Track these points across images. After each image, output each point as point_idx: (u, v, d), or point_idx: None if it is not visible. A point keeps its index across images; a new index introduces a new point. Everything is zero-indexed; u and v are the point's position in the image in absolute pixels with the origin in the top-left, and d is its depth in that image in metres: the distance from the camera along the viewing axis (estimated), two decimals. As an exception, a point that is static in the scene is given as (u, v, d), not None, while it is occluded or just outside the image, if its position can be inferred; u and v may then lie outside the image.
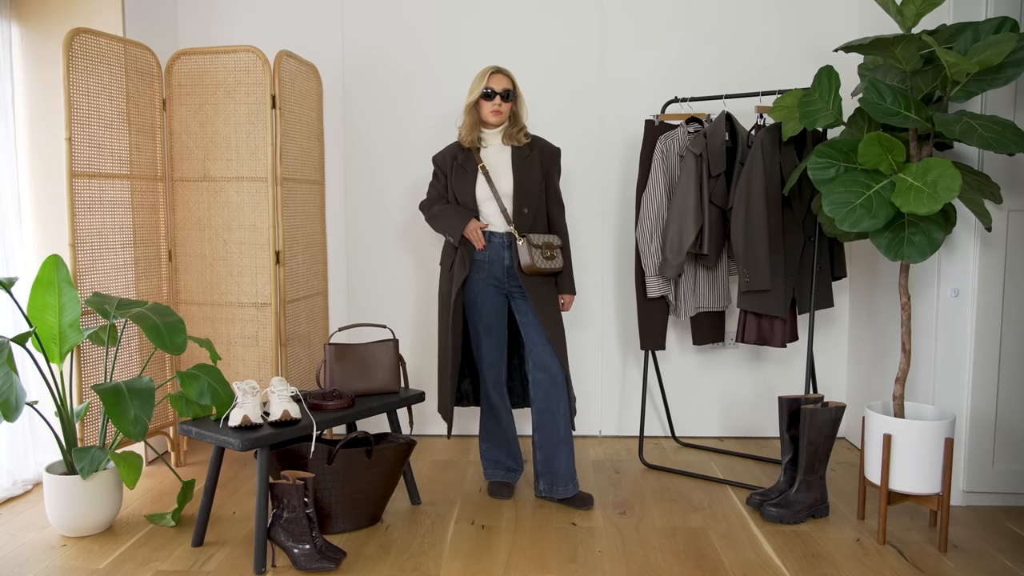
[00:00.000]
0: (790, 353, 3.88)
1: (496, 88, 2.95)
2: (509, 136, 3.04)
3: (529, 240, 2.95)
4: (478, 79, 2.98)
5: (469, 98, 2.99)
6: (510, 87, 2.98)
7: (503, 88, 2.96)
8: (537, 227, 3.03)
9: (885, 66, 2.83)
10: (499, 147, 3.05)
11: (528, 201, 3.00)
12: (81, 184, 3.05)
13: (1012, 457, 3.00)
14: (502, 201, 2.98)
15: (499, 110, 2.98)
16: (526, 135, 3.06)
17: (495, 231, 3.00)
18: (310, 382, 3.66)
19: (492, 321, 3.06)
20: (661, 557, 2.60)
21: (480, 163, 3.01)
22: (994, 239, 2.93)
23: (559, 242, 3.03)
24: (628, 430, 3.96)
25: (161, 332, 2.73)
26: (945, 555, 2.61)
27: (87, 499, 2.74)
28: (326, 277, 3.92)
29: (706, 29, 3.80)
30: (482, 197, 3.00)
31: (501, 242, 3.01)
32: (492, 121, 3.00)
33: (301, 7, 3.88)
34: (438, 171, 3.12)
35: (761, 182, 3.09)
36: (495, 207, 2.99)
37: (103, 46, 3.14)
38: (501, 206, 2.98)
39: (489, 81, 2.96)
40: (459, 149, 3.07)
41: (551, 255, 2.98)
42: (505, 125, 3.03)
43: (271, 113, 3.34)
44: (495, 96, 2.96)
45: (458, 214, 3.00)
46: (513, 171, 3.00)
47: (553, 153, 3.10)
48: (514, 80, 3.00)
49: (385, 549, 2.67)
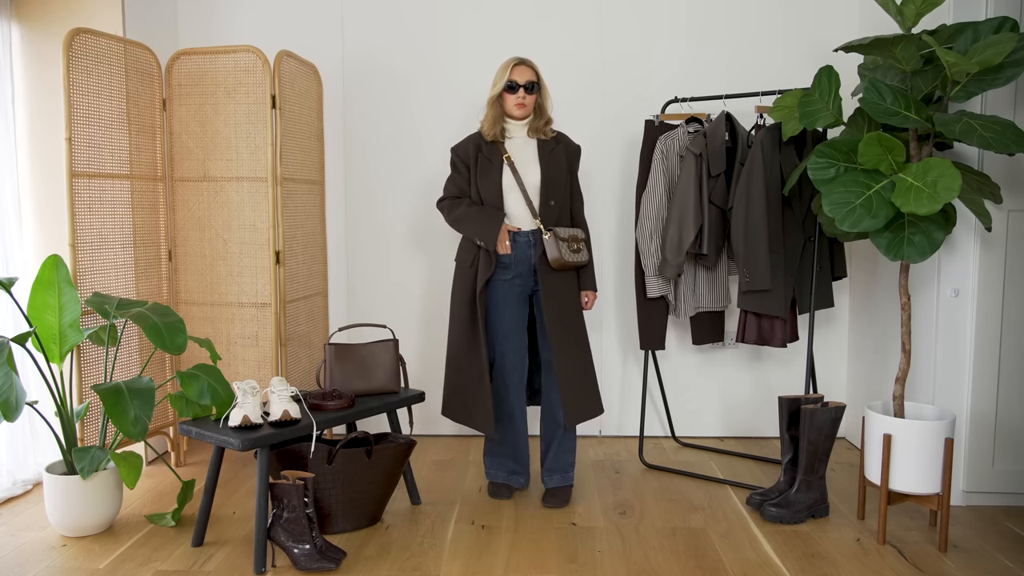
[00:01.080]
0: (790, 353, 3.88)
1: (519, 81, 2.90)
2: (535, 129, 2.98)
3: (556, 234, 2.90)
4: (501, 71, 2.92)
5: (492, 91, 2.93)
6: (534, 79, 2.92)
7: (526, 80, 2.90)
8: (561, 222, 2.99)
9: (885, 66, 2.83)
10: (524, 139, 3.00)
11: (555, 194, 2.95)
12: (81, 184, 3.05)
13: (1012, 457, 3.00)
14: (528, 194, 2.93)
15: (523, 103, 2.92)
16: (552, 128, 3.02)
17: (520, 230, 2.95)
18: (310, 382, 3.66)
19: (514, 324, 2.98)
20: (661, 557, 2.60)
21: (506, 154, 2.94)
22: (994, 239, 2.93)
23: (583, 235, 3.00)
24: (628, 430, 3.96)
25: (161, 332, 2.73)
26: (945, 555, 2.61)
27: (87, 499, 2.74)
28: (326, 277, 3.92)
29: (706, 29, 3.80)
30: (507, 189, 2.93)
31: (527, 240, 2.95)
32: (517, 114, 2.95)
33: (301, 7, 3.88)
34: (459, 163, 3.01)
35: (761, 182, 3.09)
36: (520, 200, 2.93)
37: (103, 46, 3.14)
38: (527, 198, 2.92)
39: (512, 73, 2.90)
40: (482, 140, 2.98)
41: (577, 248, 2.95)
42: (530, 118, 2.98)
43: (271, 113, 3.34)
44: (518, 89, 2.90)
45: (490, 218, 2.91)
46: (540, 163, 2.95)
47: (575, 150, 3.07)
48: (538, 71, 2.94)
49: (385, 549, 2.67)
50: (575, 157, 3.06)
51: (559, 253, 2.89)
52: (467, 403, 3.01)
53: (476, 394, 2.97)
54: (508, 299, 2.97)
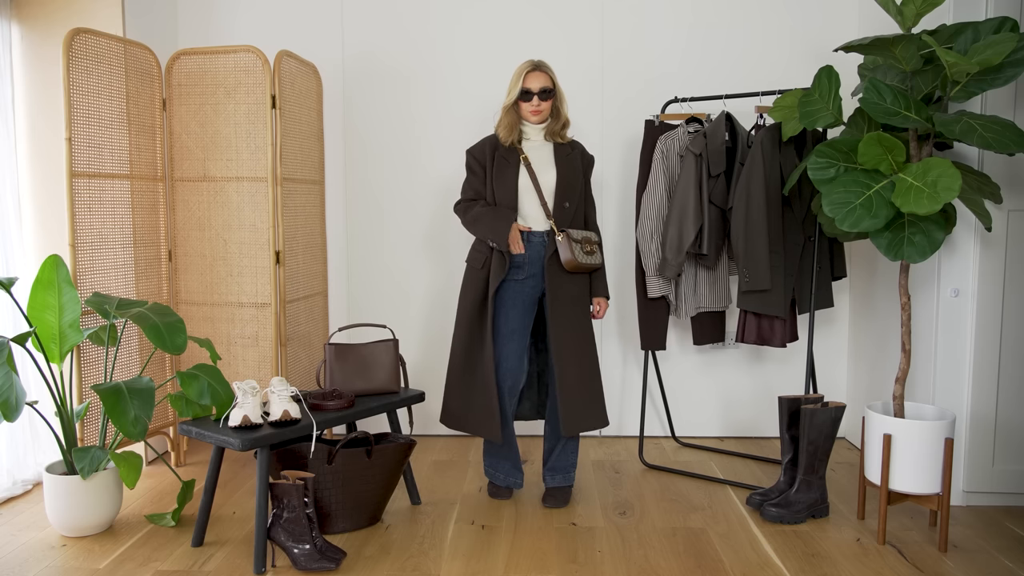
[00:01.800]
0: (790, 353, 3.88)
1: (533, 88, 2.89)
2: (552, 132, 2.99)
3: (569, 235, 2.90)
4: (515, 78, 2.90)
5: (507, 98, 2.92)
6: (549, 85, 2.90)
7: (540, 87, 2.89)
8: (575, 225, 3.00)
9: (885, 66, 2.83)
10: (541, 142, 3.00)
11: (571, 197, 2.95)
12: (81, 184, 3.05)
13: (1012, 457, 3.00)
14: (543, 195, 2.93)
15: (539, 109, 2.92)
16: (569, 135, 3.04)
17: (534, 230, 2.94)
18: (310, 382, 3.66)
19: (518, 324, 2.96)
20: (661, 557, 2.60)
21: (523, 155, 2.95)
22: (994, 239, 2.93)
23: (597, 238, 3.00)
24: (628, 430, 3.96)
25: (161, 332, 2.73)
26: (945, 555, 2.61)
27: (87, 499, 2.74)
28: (326, 277, 3.92)
29: (706, 29, 3.80)
30: (523, 190, 2.93)
31: (541, 240, 2.95)
32: (533, 120, 2.95)
33: (301, 7, 3.88)
34: (475, 165, 3.00)
35: (761, 182, 3.09)
36: (535, 201, 2.93)
37: (103, 46, 3.14)
38: (542, 199, 2.92)
39: (526, 81, 2.89)
40: (499, 141, 2.99)
41: (591, 250, 2.94)
42: (548, 122, 2.99)
43: (271, 113, 3.34)
44: (533, 96, 2.89)
45: (501, 218, 2.91)
46: (556, 165, 2.95)
47: (590, 159, 3.08)
48: (553, 76, 2.93)
49: (385, 549, 2.67)
50: (589, 165, 3.08)
51: (572, 254, 2.88)
52: (472, 410, 2.98)
53: (484, 400, 2.94)
54: (516, 300, 2.96)
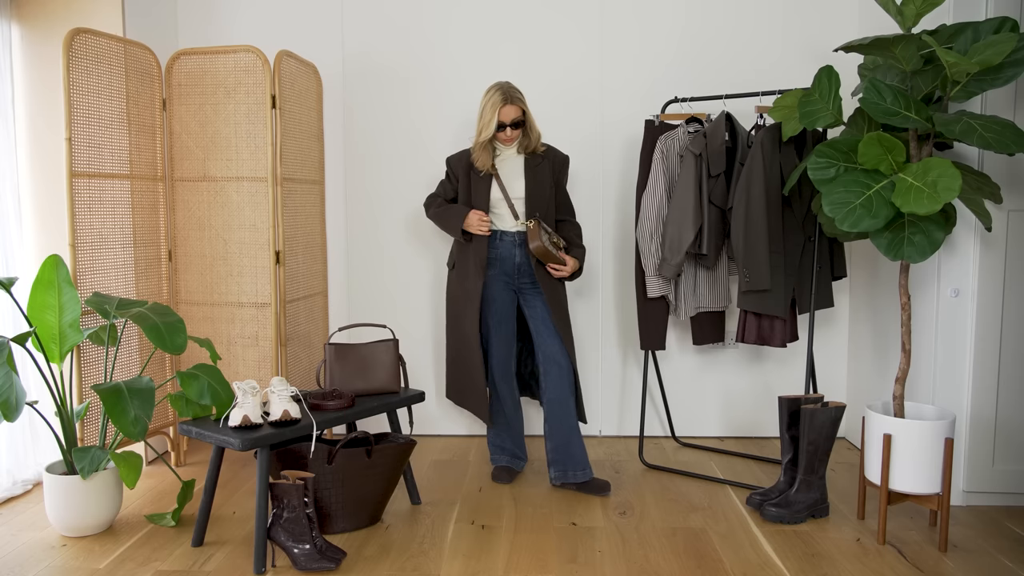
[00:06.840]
0: (790, 353, 3.88)
1: (506, 121, 3.05)
2: (524, 146, 3.16)
3: (539, 222, 3.07)
4: (489, 111, 3.02)
5: (481, 134, 3.05)
6: (520, 117, 3.06)
7: (512, 119, 3.05)
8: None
9: (885, 66, 2.83)
10: (513, 155, 3.18)
11: (539, 206, 3.14)
12: (81, 184, 3.05)
13: (1012, 457, 3.00)
14: (514, 205, 3.11)
15: (511, 138, 3.11)
16: (542, 144, 3.18)
17: (506, 231, 3.14)
18: (310, 382, 3.66)
19: (502, 315, 3.20)
20: (661, 557, 2.60)
21: (494, 170, 3.12)
22: (994, 239, 2.93)
23: (564, 244, 3.19)
24: (628, 430, 3.96)
25: (161, 332, 2.73)
26: (945, 555, 2.61)
27: (87, 499, 2.74)
28: (326, 277, 3.92)
29: (706, 29, 3.80)
30: (495, 200, 3.14)
31: (512, 240, 3.15)
32: (506, 144, 3.14)
33: (301, 7, 3.88)
34: (451, 173, 3.24)
35: (761, 182, 3.09)
36: (507, 210, 3.15)
37: (103, 46, 3.14)
38: (513, 211, 3.12)
39: (500, 116, 3.03)
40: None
41: (559, 245, 3.15)
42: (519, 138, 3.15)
43: (271, 113, 3.34)
44: (506, 127, 3.06)
45: (454, 213, 3.15)
46: (525, 177, 3.13)
47: (563, 161, 3.25)
48: (523, 104, 3.07)
49: (385, 549, 2.67)
50: (561, 168, 3.24)
51: (540, 240, 3.04)
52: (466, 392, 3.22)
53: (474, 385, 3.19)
54: (495, 293, 3.21)
